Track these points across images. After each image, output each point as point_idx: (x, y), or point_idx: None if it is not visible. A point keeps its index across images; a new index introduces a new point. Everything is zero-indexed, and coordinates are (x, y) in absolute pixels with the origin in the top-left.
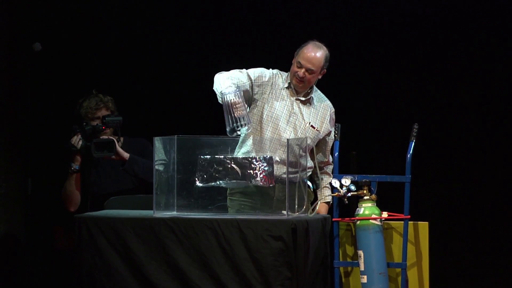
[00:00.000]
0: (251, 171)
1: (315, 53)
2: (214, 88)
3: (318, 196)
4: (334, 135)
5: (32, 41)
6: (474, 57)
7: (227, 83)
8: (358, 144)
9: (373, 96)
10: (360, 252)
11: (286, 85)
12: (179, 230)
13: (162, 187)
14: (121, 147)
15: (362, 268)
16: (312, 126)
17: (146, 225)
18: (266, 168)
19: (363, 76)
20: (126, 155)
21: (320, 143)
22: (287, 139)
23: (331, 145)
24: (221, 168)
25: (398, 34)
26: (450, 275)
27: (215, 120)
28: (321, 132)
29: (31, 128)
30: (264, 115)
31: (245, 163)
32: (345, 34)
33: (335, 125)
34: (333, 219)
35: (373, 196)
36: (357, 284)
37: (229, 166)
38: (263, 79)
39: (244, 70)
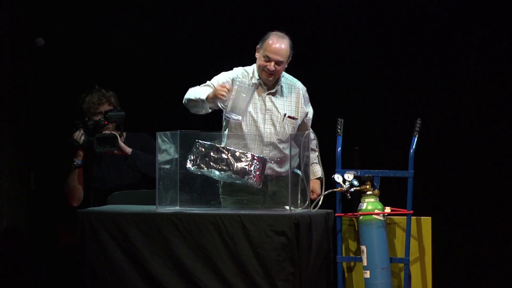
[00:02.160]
0: (247, 168)
1: (280, 44)
2: (184, 102)
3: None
4: (337, 130)
5: (35, 36)
6: (477, 52)
7: (200, 90)
8: (361, 139)
9: (376, 91)
10: (363, 247)
11: (255, 81)
12: (182, 225)
13: (165, 182)
14: (124, 142)
15: (365, 263)
16: (289, 116)
17: (149, 220)
18: (260, 168)
19: (366, 71)
20: (128, 150)
21: (300, 126)
22: (290, 134)
23: (311, 123)
24: (217, 157)
25: (401, 29)
26: (453, 270)
27: (218, 115)
28: (299, 118)
29: (34, 123)
30: (243, 121)
31: (242, 158)
32: (347, 29)
33: (338, 120)
34: (336, 214)
35: (376, 191)
36: (360, 279)
37: (226, 157)
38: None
39: (208, 82)
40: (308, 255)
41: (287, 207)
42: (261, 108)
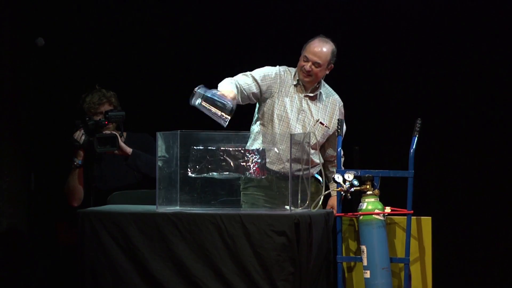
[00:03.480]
0: (244, 163)
1: (321, 47)
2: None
3: (331, 188)
4: (337, 131)
5: (35, 36)
6: (477, 52)
7: (228, 87)
8: (361, 139)
9: (376, 91)
10: (363, 247)
11: (295, 82)
12: (182, 225)
13: (165, 182)
14: (124, 142)
15: (365, 263)
16: (320, 122)
17: (149, 220)
18: (258, 160)
19: (366, 71)
20: (129, 150)
21: (330, 138)
22: (290, 134)
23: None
24: (213, 159)
25: (401, 30)
26: (453, 270)
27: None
28: (330, 128)
29: (34, 123)
30: (275, 114)
31: (238, 155)
32: (348, 29)
33: (338, 120)
34: (336, 214)
35: (376, 191)
36: (360, 279)
37: (222, 157)
38: (269, 79)
39: (248, 72)
40: (308, 255)
41: (287, 207)
42: (298, 108)
